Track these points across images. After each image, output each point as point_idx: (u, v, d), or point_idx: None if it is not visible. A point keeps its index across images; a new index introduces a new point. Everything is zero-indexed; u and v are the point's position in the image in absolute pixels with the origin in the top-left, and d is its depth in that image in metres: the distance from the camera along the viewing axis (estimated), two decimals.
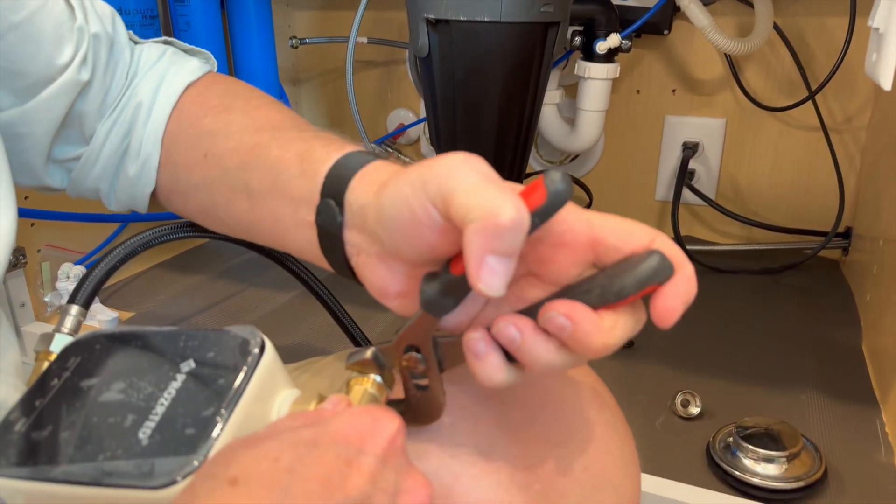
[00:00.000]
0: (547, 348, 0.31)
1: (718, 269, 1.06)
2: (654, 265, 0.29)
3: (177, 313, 0.94)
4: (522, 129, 0.94)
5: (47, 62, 0.44)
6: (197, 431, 0.31)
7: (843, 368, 0.80)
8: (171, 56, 0.51)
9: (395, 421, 0.31)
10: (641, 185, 1.20)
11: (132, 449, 0.31)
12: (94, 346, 0.37)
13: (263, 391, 0.34)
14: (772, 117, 1.09)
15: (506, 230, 0.27)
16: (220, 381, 0.33)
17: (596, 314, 0.30)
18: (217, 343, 0.35)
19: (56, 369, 0.36)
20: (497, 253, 0.27)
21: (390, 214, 0.32)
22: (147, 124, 0.48)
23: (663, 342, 0.86)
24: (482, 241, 0.27)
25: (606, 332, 0.30)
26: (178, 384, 0.33)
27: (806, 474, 0.60)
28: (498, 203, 0.27)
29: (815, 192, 1.10)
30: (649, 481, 0.62)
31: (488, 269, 0.28)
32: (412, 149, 1.34)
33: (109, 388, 0.34)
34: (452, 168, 0.29)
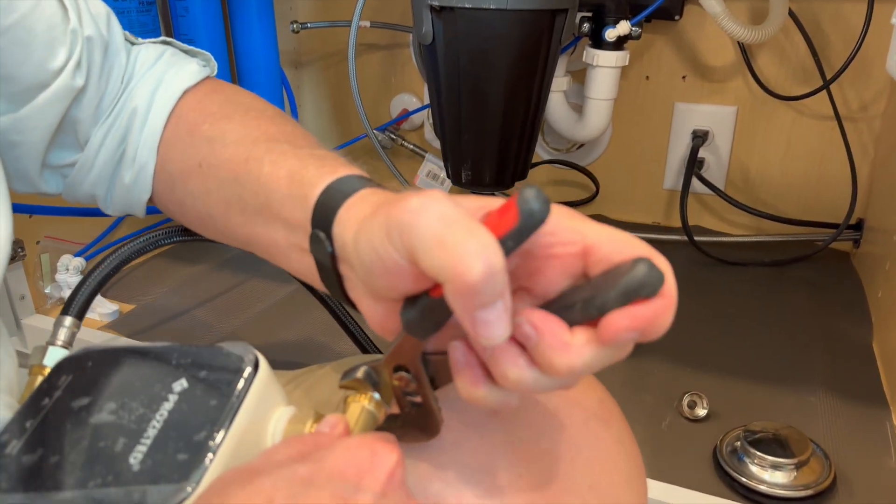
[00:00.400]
0: (516, 362, 0.29)
1: (726, 261, 1.04)
2: (642, 275, 0.26)
3: (178, 305, 0.93)
4: (528, 118, 0.92)
5: (39, 66, 0.43)
6: (189, 457, 0.30)
7: (854, 368, 0.78)
8: (168, 58, 0.49)
9: (394, 453, 0.29)
10: (650, 173, 1.18)
11: (123, 475, 0.30)
12: (85, 363, 0.36)
13: (258, 411, 0.33)
14: (784, 105, 1.06)
15: (479, 286, 0.25)
16: (213, 403, 0.32)
17: (568, 330, 0.28)
18: (210, 361, 0.34)
19: (47, 387, 0.35)
20: (482, 306, 0.26)
21: (363, 259, 0.31)
22: (143, 131, 0.46)
23: (669, 338, 0.84)
24: (462, 302, 0.26)
25: (574, 351, 0.27)
26: (171, 405, 0.32)
27: (815, 482, 0.59)
28: (463, 260, 0.25)
29: (826, 183, 1.08)
30: (655, 487, 0.61)
31: (482, 324, 0.26)
32: (416, 134, 1.31)
33: (101, 409, 0.33)
34: (412, 218, 0.27)
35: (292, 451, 0.30)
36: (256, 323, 0.89)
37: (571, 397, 0.42)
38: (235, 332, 0.87)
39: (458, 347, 0.30)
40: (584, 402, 0.42)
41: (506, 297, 0.26)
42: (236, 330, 0.87)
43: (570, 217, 0.30)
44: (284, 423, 0.34)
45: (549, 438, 0.39)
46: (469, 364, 0.30)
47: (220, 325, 0.88)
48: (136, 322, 0.89)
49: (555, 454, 0.38)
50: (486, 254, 0.25)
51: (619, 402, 0.71)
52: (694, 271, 1.03)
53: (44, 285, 0.91)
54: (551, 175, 1.25)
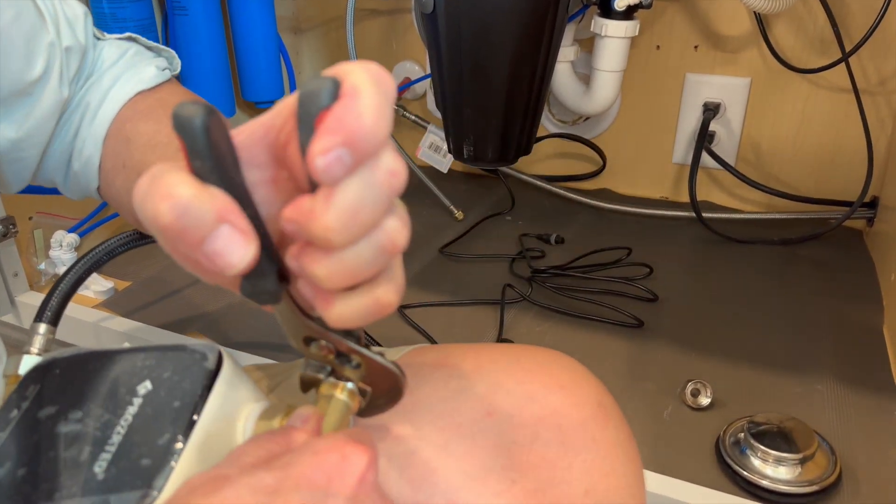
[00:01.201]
0: (315, 259, 0.26)
1: (735, 239, 1.02)
2: (305, 91, 0.24)
3: (173, 283, 0.92)
4: (533, 93, 0.89)
5: (17, 76, 0.44)
6: (153, 462, 0.29)
7: (862, 355, 0.76)
8: (131, 58, 0.49)
9: (365, 455, 0.28)
10: (658, 146, 1.15)
11: (88, 484, 0.29)
12: (53, 370, 0.35)
13: (225, 407, 0.32)
14: (799, 78, 1.02)
15: (176, 223, 0.24)
16: (176, 405, 0.31)
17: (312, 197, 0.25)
18: (173, 361, 0.33)
19: (16, 399, 0.34)
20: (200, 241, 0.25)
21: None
22: (91, 126, 0.48)
23: (674, 321, 0.82)
24: (179, 246, 0.25)
25: (320, 213, 0.24)
26: (135, 409, 0.31)
27: (819, 477, 0.58)
28: (154, 208, 0.24)
29: (841, 159, 1.04)
30: (655, 479, 0.60)
31: (214, 256, 0.25)
32: (418, 104, 1.28)
33: (67, 418, 0.32)
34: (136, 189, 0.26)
35: (261, 450, 0.29)
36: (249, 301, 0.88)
37: (568, 398, 0.40)
38: (230, 310, 0.85)
39: (302, 285, 0.29)
40: (582, 403, 0.41)
41: (231, 219, 0.25)
42: (233, 307, 0.86)
43: (279, 105, 0.27)
44: (254, 420, 0.33)
45: (543, 441, 0.38)
46: (315, 292, 0.28)
47: (218, 303, 0.87)
48: (132, 300, 0.88)
49: (550, 458, 0.37)
50: (169, 192, 0.24)
51: (619, 389, 0.70)
52: (701, 249, 1.01)
53: (37, 261, 0.90)
54: (557, 147, 1.21)
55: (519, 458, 0.37)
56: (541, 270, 0.91)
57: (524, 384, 0.40)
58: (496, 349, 0.44)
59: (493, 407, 0.38)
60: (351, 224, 0.25)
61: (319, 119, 0.24)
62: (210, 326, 0.82)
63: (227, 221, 0.25)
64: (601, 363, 0.75)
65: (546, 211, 1.13)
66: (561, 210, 1.13)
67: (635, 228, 1.07)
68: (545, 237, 1.02)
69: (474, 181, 1.25)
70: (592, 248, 0.96)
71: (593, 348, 0.77)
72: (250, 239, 0.25)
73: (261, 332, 0.81)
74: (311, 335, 0.32)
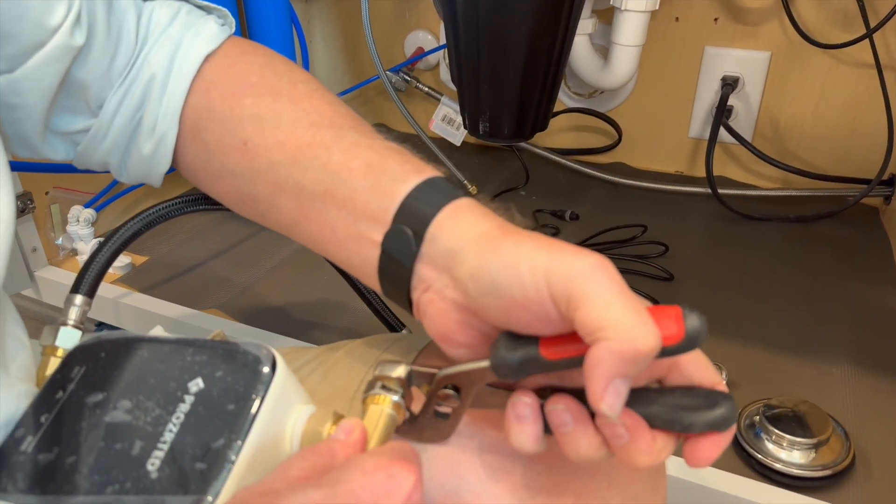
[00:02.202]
0: (591, 443, 0.30)
1: (750, 217, 1.02)
2: (727, 413, 0.30)
3: (191, 258, 0.92)
4: (551, 68, 0.87)
5: (37, 24, 0.39)
6: (208, 466, 0.29)
7: (878, 336, 0.77)
8: (185, 17, 0.45)
9: (412, 475, 0.29)
10: (675, 121, 1.13)
11: (141, 482, 0.29)
12: (98, 353, 0.35)
13: (276, 414, 0.32)
14: (820, 52, 1.00)
15: (642, 357, 0.27)
16: (231, 407, 0.31)
17: (651, 434, 0.30)
18: (226, 360, 0.33)
19: (60, 379, 0.34)
20: (626, 376, 0.28)
21: (497, 283, 0.31)
22: (162, 100, 0.44)
23: (688, 301, 0.82)
24: (615, 363, 0.27)
25: (655, 454, 0.30)
26: (187, 407, 0.31)
27: (833, 462, 0.59)
28: (639, 328, 0.27)
29: (860, 135, 1.03)
30: (670, 461, 0.61)
31: (614, 391, 0.28)
32: (431, 75, 1.27)
33: (116, 407, 0.32)
34: (588, 273, 0.29)
35: (307, 463, 0.30)
36: (271, 276, 0.88)
37: None
38: (248, 288, 0.86)
39: (529, 404, 0.32)
40: None
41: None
42: (252, 284, 0.87)
43: None
44: (303, 425, 0.33)
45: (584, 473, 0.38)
46: (534, 421, 0.32)
47: (236, 279, 0.88)
48: (150, 276, 0.88)
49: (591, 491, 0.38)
50: (657, 334, 0.28)
51: None
52: (716, 227, 1.01)
53: (55, 236, 0.90)
54: (572, 120, 1.20)
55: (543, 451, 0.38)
56: None
57: None
58: None
59: None
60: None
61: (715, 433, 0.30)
62: (229, 303, 0.83)
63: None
64: None
65: (560, 185, 1.13)
66: (575, 184, 1.13)
67: (650, 204, 1.07)
68: (559, 213, 1.02)
69: (488, 154, 1.24)
70: (607, 225, 0.96)
71: None
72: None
73: (279, 310, 0.82)
74: (459, 388, 0.34)
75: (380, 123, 1.37)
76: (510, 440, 0.32)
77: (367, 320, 0.70)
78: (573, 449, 0.31)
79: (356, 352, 0.48)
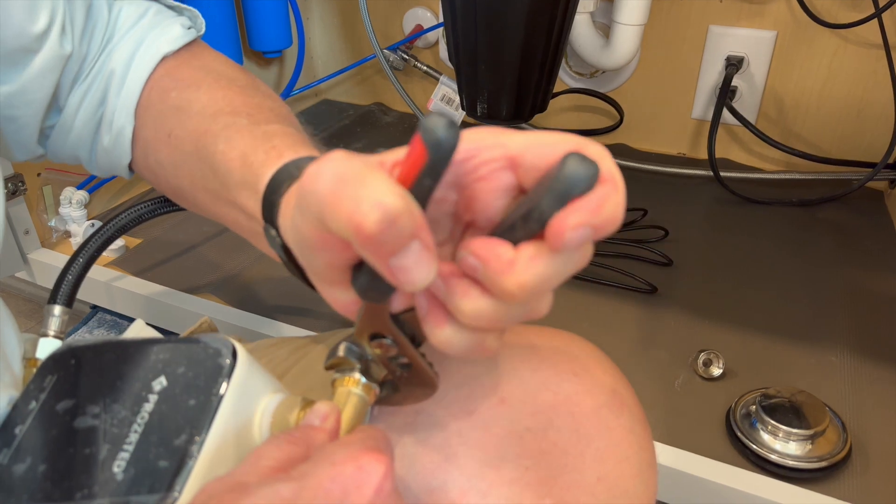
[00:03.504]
0: (468, 293, 0.27)
1: (753, 200, 1.00)
2: (571, 171, 0.23)
3: (184, 241, 0.92)
4: (551, 48, 0.86)
5: (20, 30, 0.41)
6: (170, 464, 0.29)
7: (878, 324, 0.76)
8: (152, 17, 0.46)
9: (382, 464, 0.28)
10: (678, 101, 1.11)
11: (108, 485, 0.29)
12: (69, 361, 0.35)
13: (241, 403, 0.32)
14: (827, 32, 0.98)
15: (379, 235, 0.23)
16: (192, 403, 0.31)
17: (512, 248, 0.26)
18: (187, 356, 0.32)
19: (33, 390, 0.34)
20: (392, 253, 0.24)
21: (294, 244, 0.30)
22: (120, 94, 0.45)
23: (687, 287, 0.82)
24: (371, 255, 0.25)
25: (521, 268, 0.25)
26: (151, 406, 0.31)
27: (829, 454, 0.58)
28: (357, 212, 0.23)
29: (866, 118, 1.01)
30: (663, 451, 0.60)
31: (399, 271, 0.25)
32: (430, 53, 1.24)
33: (84, 412, 0.32)
34: (311, 184, 0.25)
35: (280, 452, 0.29)
36: (264, 260, 0.87)
37: (582, 386, 0.40)
38: (243, 272, 0.85)
39: (420, 295, 0.29)
40: (596, 390, 0.41)
41: (422, 237, 0.25)
42: (245, 268, 0.86)
43: (489, 133, 0.28)
44: (271, 414, 0.33)
45: (556, 429, 0.37)
46: (431, 308, 0.29)
47: (229, 263, 0.87)
48: (144, 259, 0.88)
49: (562, 445, 0.37)
50: (380, 200, 0.23)
51: (631, 357, 0.70)
52: (717, 211, 0.99)
53: (48, 218, 0.90)
54: (573, 102, 1.18)
55: (532, 446, 0.37)
56: None
57: (538, 371, 0.39)
58: (512, 332, 0.43)
59: (506, 394, 0.38)
60: (537, 290, 0.25)
61: (577, 199, 0.24)
62: (222, 287, 0.82)
63: (419, 238, 0.24)
64: (613, 330, 0.74)
65: None
66: None
67: (651, 187, 1.05)
68: None
69: None
70: None
71: (605, 314, 0.77)
72: (434, 259, 0.25)
73: (273, 294, 0.81)
74: (383, 333, 0.31)
75: (378, 103, 1.35)
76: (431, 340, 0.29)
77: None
78: (459, 310, 0.27)
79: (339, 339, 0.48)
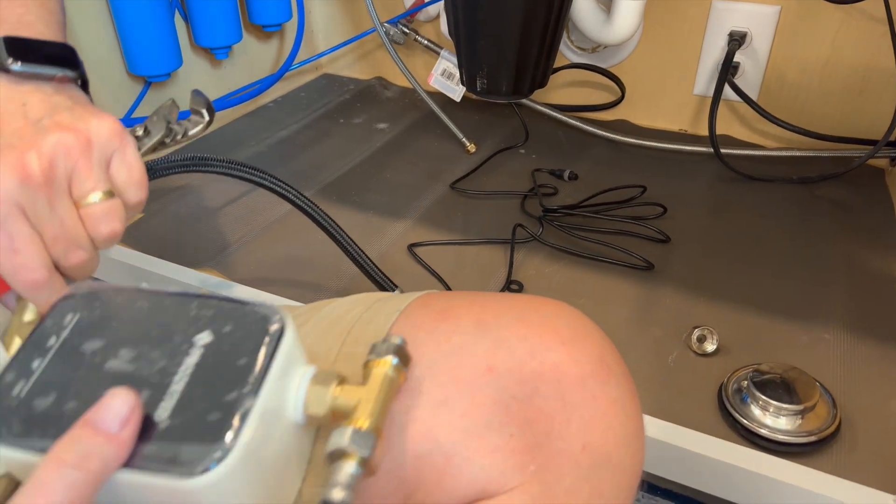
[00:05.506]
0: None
1: (752, 177, 1.00)
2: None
3: (186, 213, 0.92)
4: (552, 20, 0.85)
5: None
6: (221, 417, 0.29)
7: (874, 302, 0.76)
8: None
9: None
10: (679, 77, 1.11)
11: (151, 430, 0.29)
12: (92, 303, 0.34)
13: (284, 371, 0.32)
14: (832, 7, 0.97)
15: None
16: (242, 363, 0.30)
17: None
18: (233, 317, 0.32)
19: (52, 326, 0.33)
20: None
21: None
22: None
23: (684, 264, 0.82)
24: None
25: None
26: (195, 359, 0.31)
27: (818, 428, 0.59)
28: None
29: (869, 95, 1.00)
30: (655, 425, 0.61)
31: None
32: (431, 26, 1.23)
33: (117, 356, 0.31)
34: None
35: None
36: (265, 235, 0.88)
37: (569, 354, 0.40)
38: (244, 246, 0.86)
39: None
40: (583, 359, 0.41)
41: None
42: (245, 242, 0.86)
43: None
44: (307, 386, 0.33)
45: (542, 396, 0.38)
46: None
47: (229, 237, 0.87)
48: (144, 232, 0.88)
49: (548, 413, 0.38)
50: None
51: (626, 333, 0.71)
52: (717, 188, 0.99)
53: None
54: (574, 76, 1.18)
55: (517, 413, 0.37)
56: (552, 210, 0.90)
57: (526, 340, 0.39)
58: (501, 302, 0.43)
59: (493, 363, 0.38)
60: None
61: None
62: (221, 261, 0.83)
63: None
64: (609, 306, 0.75)
65: (561, 143, 1.11)
66: (576, 142, 1.11)
67: (651, 163, 1.05)
68: (558, 173, 1.00)
69: (488, 111, 1.22)
70: (606, 185, 0.94)
71: (602, 291, 0.77)
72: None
73: (272, 269, 0.82)
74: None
75: (379, 77, 1.35)
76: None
77: (359, 280, 0.70)
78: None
79: (338, 311, 0.48)
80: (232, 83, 1.17)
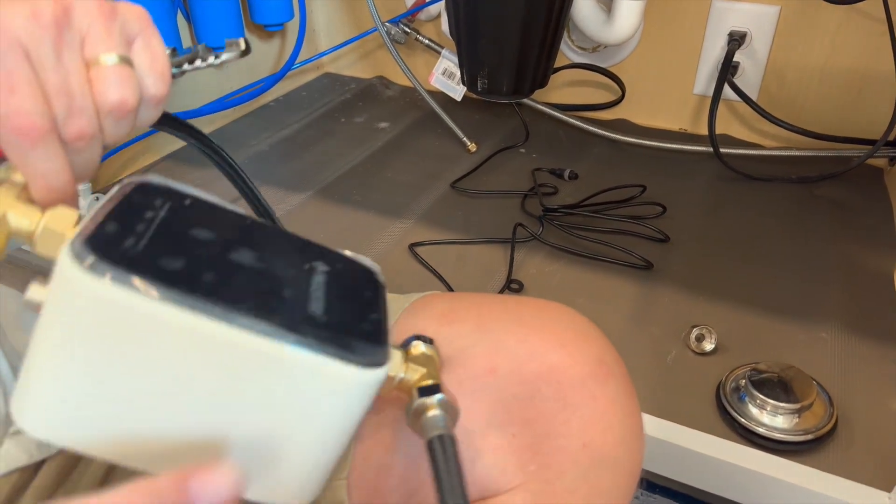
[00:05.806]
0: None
1: (751, 176, 1.00)
2: None
3: None
4: (552, 20, 0.86)
5: None
6: (374, 330, 0.28)
7: (871, 302, 0.77)
8: None
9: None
10: (680, 76, 1.11)
11: (314, 320, 0.26)
12: (183, 200, 0.29)
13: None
14: (832, 7, 0.97)
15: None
16: (368, 294, 0.30)
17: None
18: (341, 259, 0.32)
19: (141, 201, 0.27)
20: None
21: None
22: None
23: (684, 264, 0.83)
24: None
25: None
26: (323, 279, 0.29)
27: (815, 427, 0.60)
28: None
29: (868, 94, 1.01)
30: (653, 423, 0.62)
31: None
32: (432, 26, 1.24)
33: (238, 251, 0.27)
34: None
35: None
36: None
37: (569, 356, 0.41)
38: None
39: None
40: (581, 360, 0.41)
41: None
42: None
43: None
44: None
45: (543, 397, 0.38)
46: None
47: None
48: None
49: (548, 413, 0.38)
50: None
51: (625, 332, 0.72)
52: (716, 187, 1.00)
53: None
54: (574, 76, 1.18)
55: (518, 413, 0.38)
56: (552, 209, 0.91)
57: (526, 342, 0.40)
58: (501, 304, 0.44)
59: (495, 365, 0.39)
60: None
61: None
62: None
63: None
64: (609, 305, 0.76)
65: (561, 142, 1.11)
66: (576, 141, 1.11)
67: (651, 163, 1.05)
68: (558, 172, 1.01)
69: (489, 110, 1.22)
70: (606, 185, 0.95)
71: (602, 290, 0.78)
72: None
73: None
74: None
75: (380, 76, 1.35)
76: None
77: None
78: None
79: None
80: (234, 82, 1.18)
